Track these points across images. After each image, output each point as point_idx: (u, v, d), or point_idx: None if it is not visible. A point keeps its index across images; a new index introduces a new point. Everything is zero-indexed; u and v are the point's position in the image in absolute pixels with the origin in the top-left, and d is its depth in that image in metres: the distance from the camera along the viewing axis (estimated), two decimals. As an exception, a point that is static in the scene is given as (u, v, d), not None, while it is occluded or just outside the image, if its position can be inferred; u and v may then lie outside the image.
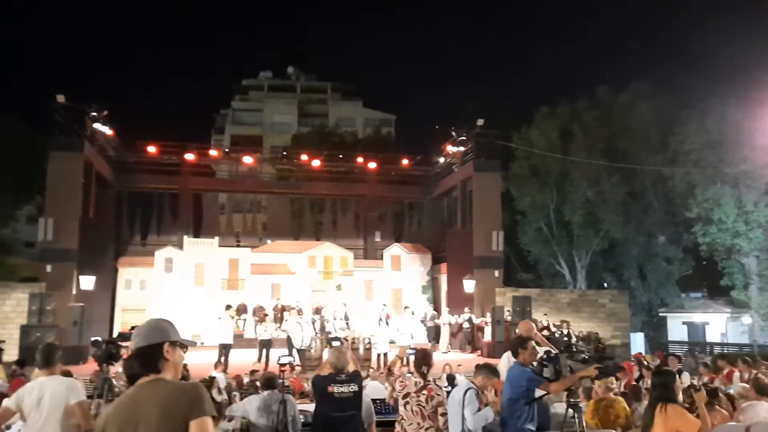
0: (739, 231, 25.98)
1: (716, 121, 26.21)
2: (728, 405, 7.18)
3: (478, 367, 5.72)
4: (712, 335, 29.18)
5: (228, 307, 17.74)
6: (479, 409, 5.32)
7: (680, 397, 6.48)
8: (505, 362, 6.72)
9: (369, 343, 17.54)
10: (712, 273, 30.20)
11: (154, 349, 2.73)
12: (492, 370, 5.68)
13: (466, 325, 22.70)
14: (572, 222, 29.37)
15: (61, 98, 21.65)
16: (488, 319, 21.67)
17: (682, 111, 27.84)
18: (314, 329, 18.26)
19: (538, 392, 5.51)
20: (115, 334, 22.45)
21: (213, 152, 30.24)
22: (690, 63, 53.92)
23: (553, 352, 5.44)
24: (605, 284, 31.60)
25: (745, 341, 27.01)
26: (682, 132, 27.20)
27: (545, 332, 18.61)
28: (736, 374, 10.44)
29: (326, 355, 7.53)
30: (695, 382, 9.83)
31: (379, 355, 17.12)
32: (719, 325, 29.49)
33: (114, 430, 2.52)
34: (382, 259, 28.51)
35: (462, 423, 5.44)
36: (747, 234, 25.97)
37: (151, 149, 26.82)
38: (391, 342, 17.19)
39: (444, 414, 5.65)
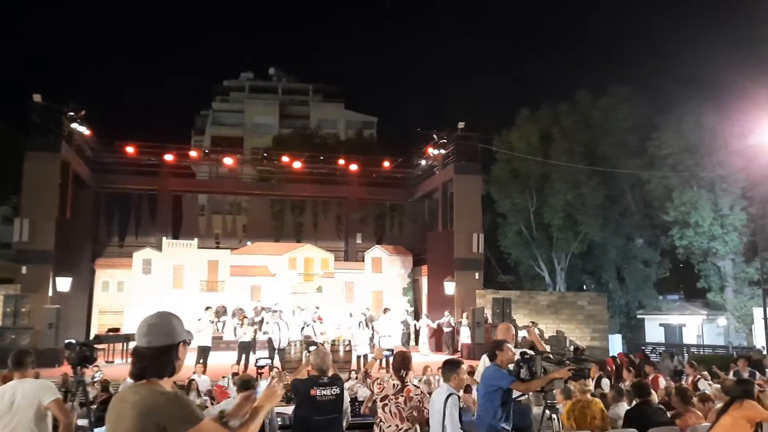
0: (715, 234, 26.35)
1: (693, 126, 26.58)
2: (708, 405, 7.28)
3: (444, 369, 5.65)
4: (689, 337, 29.56)
5: (207, 309, 17.59)
6: (461, 418, 5.29)
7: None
8: (482, 365, 6.76)
9: (349, 345, 17.54)
10: (688, 276, 30.60)
11: (172, 350, 2.62)
12: (454, 363, 5.62)
13: (445, 328, 22.83)
14: (552, 225, 29.59)
15: (37, 98, 21.38)
16: (463, 320, 21.90)
17: (659, 116, 28.20)
18: (298, 330, 18.24)
19: (516, 394, 5.58)
20: (91, 337, 22.20)
21: (193, 153, 30.00)
22: (667, 69, 54.68)
23: (529, 353, 5.49)
24: (584, 286, 31.86)
25: (721, 343, 27.40)
26: (659, 136, 27.54)
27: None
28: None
29: (305, 358, 7.48)
30: (684, 383, 9.95)
31: (359, 357, 17.12)
32: (695, 327, 29.88)
33: (107, 423, 2.57)
34: (363, 261, 28.51)
35: (442, 429, 5.44)
36: (723, 237, 26.35)
37: (130, 150, 26.55)
38: (372, 344, 17.20)
39: (426, 410, 5.62)
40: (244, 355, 16.34)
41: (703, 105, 26.63)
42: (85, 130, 23.96)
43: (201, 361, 15.24)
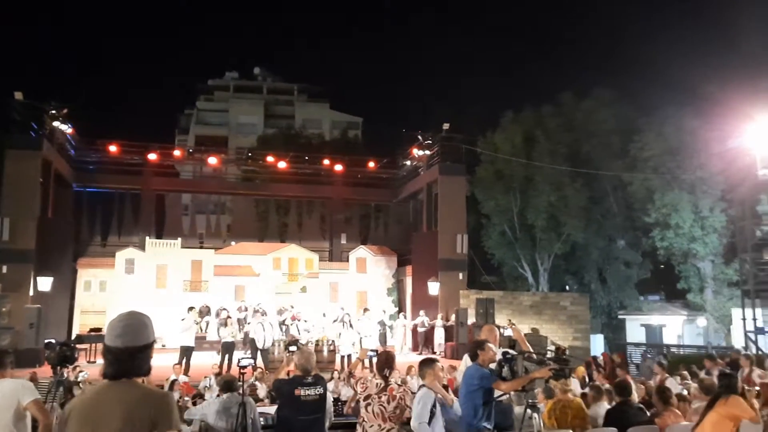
0: (695, 236, 26.67)
1: (674, 129, 26.89)
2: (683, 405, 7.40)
3: (420, 366, 5.77)
4: (669, 337, 29.86)
5: (190, 309, 17.48)
6: (431, 414, 5.30)
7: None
8: (463, 365, 6.82)
9: (333, 345, 17.55)
10: (669, 276, 30.93)
11: (145, 350, 2.62)
12: (429, 360, 5.72)
13: (419, 328, 23.01)
14: (535, 226, 29.79)
15: (18, 95, 21.18)
16: (438, 321, 22.02)
17: (641, 119, 28.48)
18: (281, 330, 18.21)
19: (497, 393, 5.65)
20: (73, 337, 22.01)
21: (176, 152, 29.85)
22: (650, 73, 55.26)
23: (511, 353, 5.56)
24: (567, 287, 32.10)
25: (701, 343, 27.73)
26: (641, 139, 27.82)
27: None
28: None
29: (285, 357, 7.49)
30: (652, 383, 10.11)
31: (343, 357, 17.14)
32: (676, 328, 30.20)
33: (77, 425, 2.47)
34: (347, 261, 28.52)
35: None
36: (703, 239, 26.68)
37: (113, 148, 26.41)
38: (354, 344, 17.22)
39: (408, 408, 5.66)
40: (227, 355, 16.30)
41: (684, 109, 26.96)
42: (67, 129, 23.77)
43: (183, 361, 15.21)
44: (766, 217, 22.75)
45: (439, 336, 22.12)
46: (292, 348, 6.73)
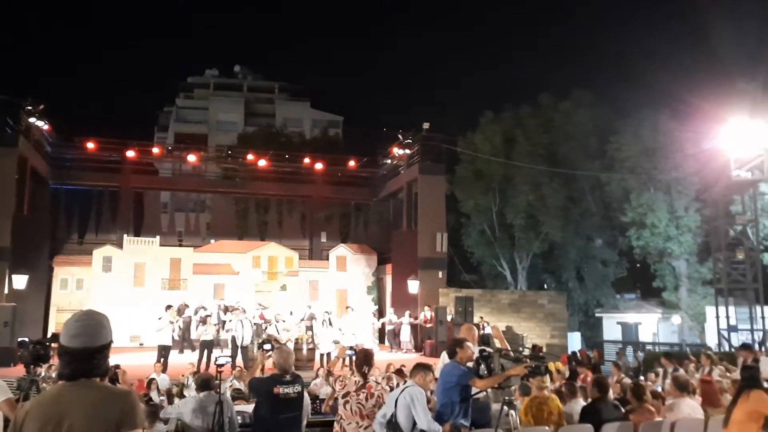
0: (670, 235, 27.08)
1: (650, 131, 27.28)
2: (657, 402, 7.51)
3: (414, 367, 5.88)
4: (645, 335, 30.31)
5: (168, 307, 17.40)
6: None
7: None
8: (441, 362, 6.88)
9: (312, 343, 17.57)
10: (645, 275, 31.39)
11: (103, 350, 2.57)
12: (425, 367, 5.82)
13: (387, 326, 23.20)
14: (514, 225, 30.04)
15: (-7, 91, 20.85)
16: (405, 318, 22.31)
17: (618, 120, 28.84)
18: (260, 329, 18.18)
19: (474, 390, 5.72)
20: (49, 335, 21.74)
21: (155, 150, 29.57)
22: (627, 74, 55.99)
23: (488, 350, 5.64)
24: (545, 285, 32.43)
25: (675, 340, 28.18)
26: (618, 140, 28.18)
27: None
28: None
29: (259, 356, 7.48)
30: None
31: (322, 355, 17.19)
32: (651, 325, 30.67)
33: (33, 426, 2.37)
34: (327, 259, 28.48)
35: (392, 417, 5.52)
36: (678, 238, 27.10)
37: (90, 145, 26.09)
38: (335, 342, 17.27)
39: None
40: (206, 354, 16.25)
41: (661, 111, 27.38)
42: (43, 125, 23.46)
43: (161, 359, 15.15)
44: (739, 217, 23.19)
45: (405, 334, 22.20)
46: (267, 346, 6.70)
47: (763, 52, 26.28)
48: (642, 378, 12.14)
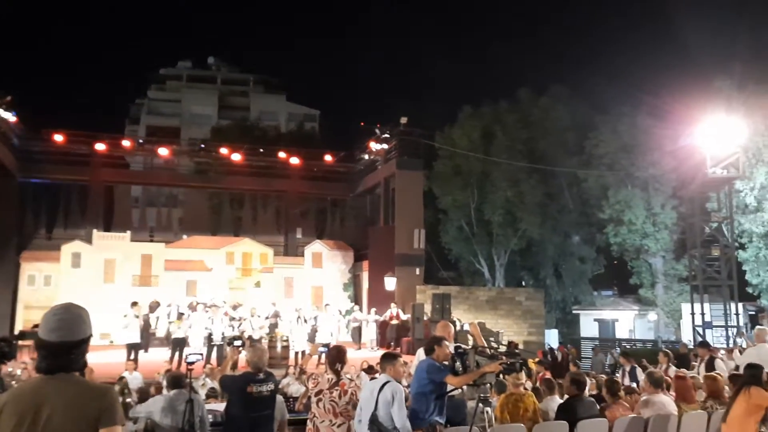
0: (647, 232, 27.26)
1: (628, 127, 27.42)
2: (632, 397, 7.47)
3: (382, 359, 5.79)
4: (621, 331, 30.50)
5: (134, 304, 16.92)
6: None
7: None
8: (417, 359, 6.77)
9: (287, 341, 17.29)
10: (622, 272, 31.62)
11: (81, 345, 2.54)
12: (393, 357, 5.72)
13: (352, 323, 22.92)
14: (492, 221, 29.97)
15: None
16: (371, 314, 22.09)
17: (597, 116, 28.97)
18: (235, 326, 17.79)
19: (449, 387, 5.64)
20: (16, 333, 21.16)
21: (126, 143, 28.89)
22: (605, 71, 56.43)
23: (463, 347, 5.51)
24: (523, 282, 32.45)
25: (651, 337, 28.39)
26: (596, 136, 28.28)
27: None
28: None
29: (230, 353, 7.34)
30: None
31: (297, 353, 16.91)
32: (628, 322, 30.85)
33: (10, 419, 2.36)
34: (303, 256, 28.15)
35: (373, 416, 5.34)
36: (654, 235, 27.29)
37: (59, 138, 25.45)
38: (309, 340, 17.03)
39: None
40: (177, 351, 15.88)
41: (639, 107, 27.56)
42: (10, 117, 22.85)
43: (132, 357, 14.79)
44: (715, 214, 23.36)
45: (370, 331, 21.90)
46: (237, 343, 6.53)
47: (739, 50, 26.54)
48: (618, 375, 12.08)
